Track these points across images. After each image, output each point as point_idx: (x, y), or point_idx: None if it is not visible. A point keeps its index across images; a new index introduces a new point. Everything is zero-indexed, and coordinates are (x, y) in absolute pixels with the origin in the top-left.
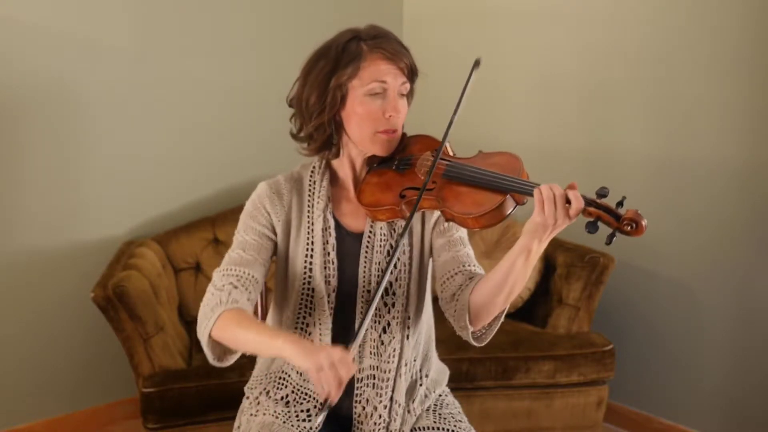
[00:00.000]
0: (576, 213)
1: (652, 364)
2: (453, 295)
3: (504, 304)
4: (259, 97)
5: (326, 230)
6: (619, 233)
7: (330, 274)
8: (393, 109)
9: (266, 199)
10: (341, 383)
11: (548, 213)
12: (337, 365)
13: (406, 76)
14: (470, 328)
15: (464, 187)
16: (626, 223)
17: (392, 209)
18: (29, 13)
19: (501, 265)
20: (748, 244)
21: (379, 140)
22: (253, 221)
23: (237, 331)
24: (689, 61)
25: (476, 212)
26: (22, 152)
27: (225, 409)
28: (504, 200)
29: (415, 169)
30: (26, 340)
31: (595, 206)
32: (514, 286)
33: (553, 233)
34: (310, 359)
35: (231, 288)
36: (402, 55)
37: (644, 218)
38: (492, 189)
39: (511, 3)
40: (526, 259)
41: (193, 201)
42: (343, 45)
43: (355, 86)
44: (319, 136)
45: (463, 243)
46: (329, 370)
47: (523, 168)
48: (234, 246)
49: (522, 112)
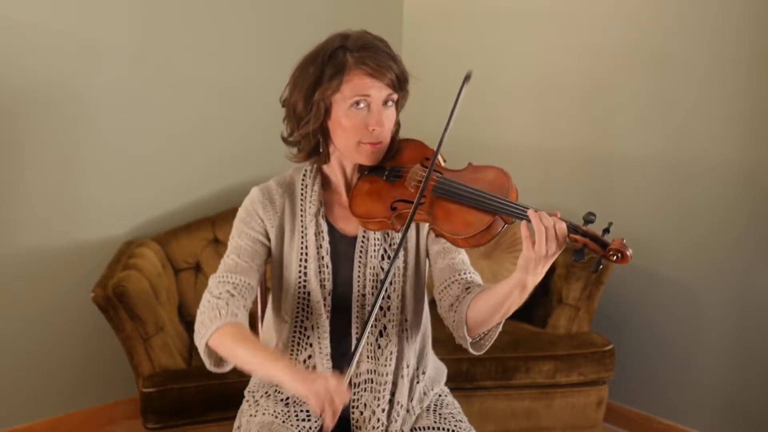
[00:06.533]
0: (563, 239)
1: (652, 364)
2: (451, 305)
3: (500, 320)
4: (259, 97)
5: (319, 234)
6: (605, 260)
7: (325, 278)
8: (376, 123)
9: (259, 205)
10: (336, 413)
11: (538, 247)
12: (333, 394)
13: (391, 88)
14: (468, 339)
15: (454, 204)
16: (612, 253)
17: (383, 222)
18: (29, 13)
19: (497, 291)
20: (747, 244)
21: (365, 151)
22: (246, 227)
23: (235, 348)
24: (689, 62)
25: (465, 233)
26: (22, 152)
27: (225, 409)
28: (493, 221)
29: (405, 182)
30: (26, 340)
31: (582, 234)
32: (510, 309)
33: (547, 264)
34: (308, 388)
35: (228, 297)
36: (387, 69)
37: (629, 248)
38: (481, 209)
39: (511, 3)
40: (521, 291)
41: (193, 201)
42: (330, 54)
43: (338, 100)
44: (306, 144)
45: (457, 250)
46: (326, 397)
47: (513, 185)
48: (229, 251)
49: (522, 112)
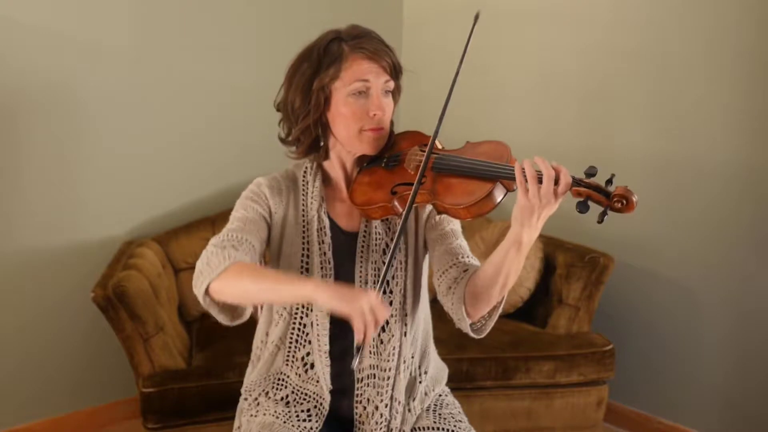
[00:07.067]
0: (563, 191)
1: (652, 364)
2: (449, 288)
3: (499, 296)
4: (259, 97)
5: (321, 230)
6: (610, 211)
7: (327, 274)
8: (377, 107)
9: (267, 189)
10: (378, 326)
11: (532, 192)
12: (375, 308)
13: (389, 74)
14: (467, 320)
15: (454, 178)
16: (616, 200)
17: (384, 206)
18: (29, 13)
19: (493, 257)
20: (748, 244)
21: (367, 138)
22: (252, 203)
23: (253, 278)
24: (689, 61)
25: (467, 202)
26: (22, 152)
27: (225, 409)
28: (493, 187)
29: (404, 165)
30: (26, 340)
31: (584, 185)
32: (508, 277)
33: (542, 217)
34: (351, 305)
35: (232, 249)
36: (383, 54)
37: (635, 194)
38: (481, 177)
39: (511, 3)
40: (517, 250)
41: (193, 201)
42: (325, 46)
43: (338, 87)
44: (305, 139)
45: (456, 235)
46: (369, 314)
47: (511, 155)
48: (232, 221)
49: (522, 112)
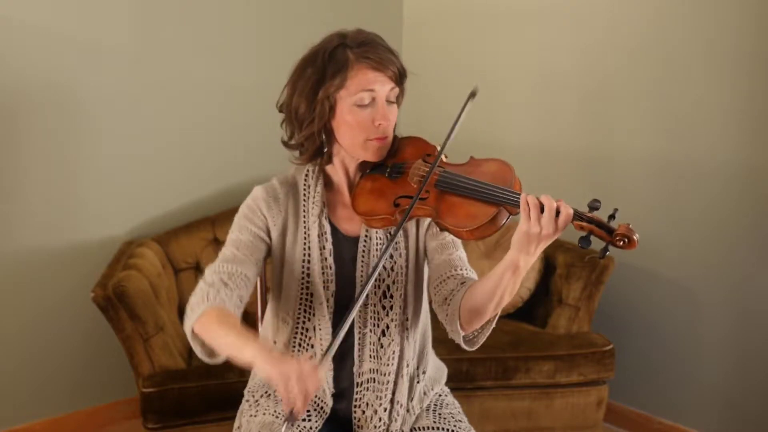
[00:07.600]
0: (564, 223)
1: (652, 364)
2: (445, 299)
3: (494, 312)
4: (259, 97)
5: (322, 236)
6: (611, 246)
7: (328, 279)
8: (382, 117)
9: (263, 202)
10: (307, 397)
11: (533, 220)
12: (305, 378)
13: (394, 81)
14: (461, 332)
15: (457, 198)
16: (619, 238)
17: (386, 218)
18: (29, 13)
19: (490, 276)
20: (748, 244)
21: (371, 147)
22: (248, 222)
23: (216, 331)
24: (689, 61)
25: (470, 225)
26: (22, 152)
27: (225, 409)
28: (497, 213)
29: (408, 177)
30: (26, 340)
31: (587, 220)
32: (503, 297)
33: (541, 245)
34: (277, 369)
35: (221, 285)
36: (389, 63)
37: (636, 233)
38: (485, 201)
39: (511, 3)
40: (513, 273)
41: (193, 201)
42: (330, 52)
43: (343, 96)
44: (310, 146)
45: (456, 246)
46: (296, 383)
47: (515, 176)
48: (227, 244)
49: (521, 112)
